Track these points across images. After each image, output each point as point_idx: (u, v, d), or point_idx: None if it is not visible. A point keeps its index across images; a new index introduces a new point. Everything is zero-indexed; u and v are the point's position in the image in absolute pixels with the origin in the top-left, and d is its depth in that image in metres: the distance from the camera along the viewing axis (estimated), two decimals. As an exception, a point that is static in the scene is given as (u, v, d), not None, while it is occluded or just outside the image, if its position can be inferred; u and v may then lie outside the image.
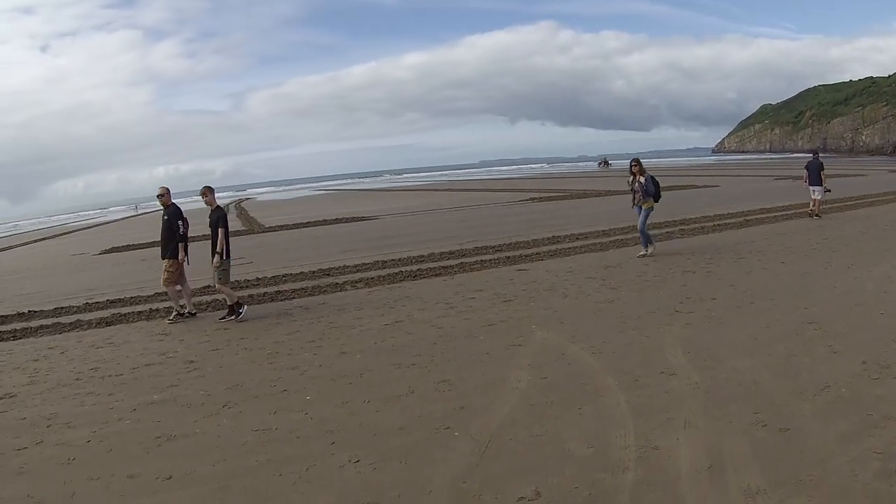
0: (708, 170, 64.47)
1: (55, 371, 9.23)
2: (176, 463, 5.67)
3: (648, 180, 14.84)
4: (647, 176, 14.90)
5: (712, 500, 4.18)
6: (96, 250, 29.60)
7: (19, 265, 27.47)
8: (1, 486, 5.58)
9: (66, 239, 45.37)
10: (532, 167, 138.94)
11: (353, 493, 4.80)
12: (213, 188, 12.17)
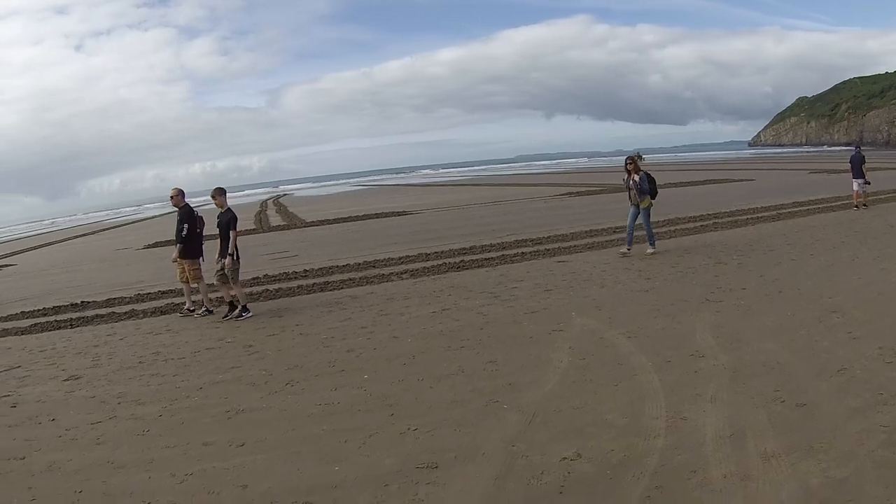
0: (744, 164, 63.98)
1: (117, 355, 9.92)
2: (247, 433, 6.31)
3: (643, 178, 14.83)
4: (641, 174, 14.89)
5: (732, 462, 4.71)
6: (139, 245, 30.61)
7: (66, 259, 28.50)
8: (81, 454, 6.19)
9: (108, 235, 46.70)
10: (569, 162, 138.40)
11: (413, 455, 5.41)
12: (225, 190, 12.48)
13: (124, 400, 7.71)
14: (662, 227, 18.24)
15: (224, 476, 5.38)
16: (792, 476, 4.45)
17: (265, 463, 5.57)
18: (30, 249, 40.87)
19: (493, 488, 4.68)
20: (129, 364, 9.31)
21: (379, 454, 5.51)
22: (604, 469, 4.80)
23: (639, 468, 4.74)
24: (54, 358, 10.17)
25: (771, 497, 4.20)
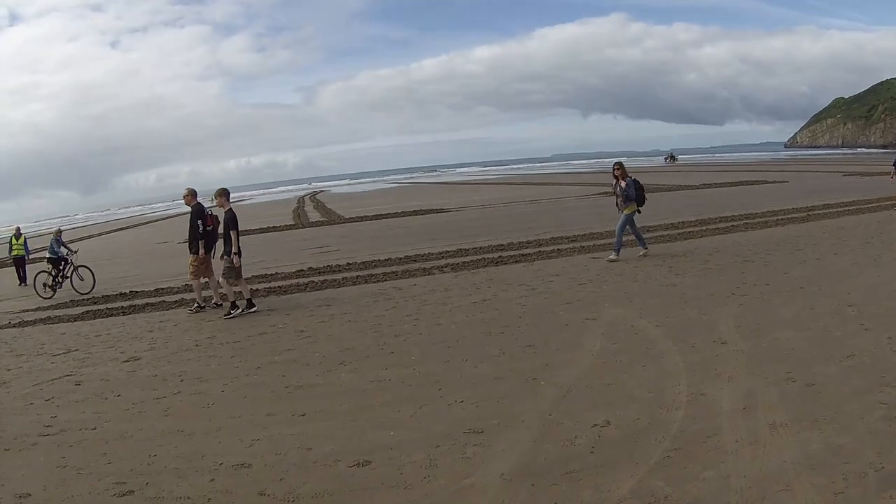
0: (778, 165, 63.51)
1: (173, 339, 10.68)
2: (307, 405, 7.00)
3: (630, 184, 14.79)
4: (627, 180, 14.84)
5: (744, 430, 5.30)
6: (180, 239, 31.60)
7: (108, 252, 29.46)
8: (151, 423, 6.88)
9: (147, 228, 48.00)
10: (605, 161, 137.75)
11: (460, 422, 6.07)
12: (229, 191, 13.02)
13: (186, 378, 8.43)
14: (695, 226, 18.68)
15: (289, 441, 6.06)
16: (796, 442, 5.01)
17: (326, 430, 6.24)
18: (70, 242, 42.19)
19: (532, 448, 5.32)
20: (186, 347, 10.07)
21: (429, 422, 6.17)
22: (630, 434, 5.42)
23: (661, 433, 5.35)
24: (111, 342, 10.96)
25: (775, 458, 4.77)
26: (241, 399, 7.42)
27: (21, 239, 22.24)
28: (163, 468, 5.70)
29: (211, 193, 13.50)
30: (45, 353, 10.54)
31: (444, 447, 5.53)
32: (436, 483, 4.92)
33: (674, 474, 4.66)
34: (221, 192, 12.88)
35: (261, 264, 18.24)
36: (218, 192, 12.91)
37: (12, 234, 22.92)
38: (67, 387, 8.53)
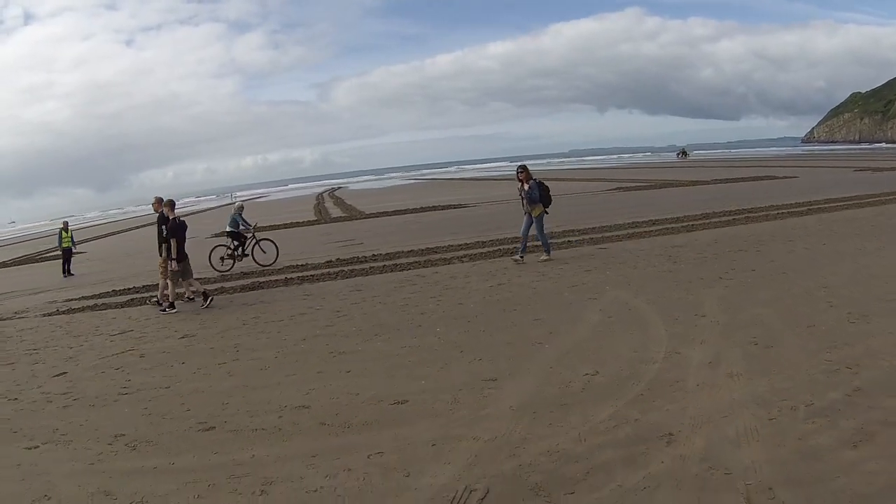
0: (791, 160, 64.26)
1: (220, 320, 12.10)
2: (350, 365, 8.46)
3: (533, 186, 15.15)
4: (531, 182, 15.21)
5: (706, 377, 6.64)
6: (206, 234, 33.03)
7: (135, 247, 31.02)
8: (218, 382, 8.33)
9: None
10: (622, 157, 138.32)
11: (478, 374, 7.49)
12: (174, 202, 14.22)
13: (241, 348, 9.87)
14: (699, 220, 19.86)
15: (339, 389, 7.50)
16: (746, 386, 6.35)
17: (368, 382, 7.67)
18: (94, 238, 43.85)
19: (535, 389, 6.73)
20: (234, 326, 11.49)
21: (453, 374, 7.59)
22: (613, 380, 6.80)
23: (638, 380, 6.73)
24: (162, 323, 12.43)
25: (727, 397, 6.11)
26: (293, 363, 8.84)
27: (69, 232, 23.85)
28: (236, 412, 7.14)
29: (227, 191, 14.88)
30: (103, 334, 11.94)
31: (465, 391, 6.94)
32: (459, 413, 6.33)
33: (643, 406, 6.04)
34: (167, 203, 14.09)
35: (290, 256, 19.75)
36: (165, 202, 14.12)
37: (61, 227, 24.60)
38: (132, 359, 9.94)
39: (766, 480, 4.56)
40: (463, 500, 4.70)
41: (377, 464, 5.47)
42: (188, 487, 5.41)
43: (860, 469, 4.61)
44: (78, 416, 7.58)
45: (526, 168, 15.63)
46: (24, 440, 6.94)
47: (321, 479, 5.30)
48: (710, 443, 5.20)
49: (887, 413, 5.46)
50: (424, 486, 4.97)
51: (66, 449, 6.63)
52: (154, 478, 5.68)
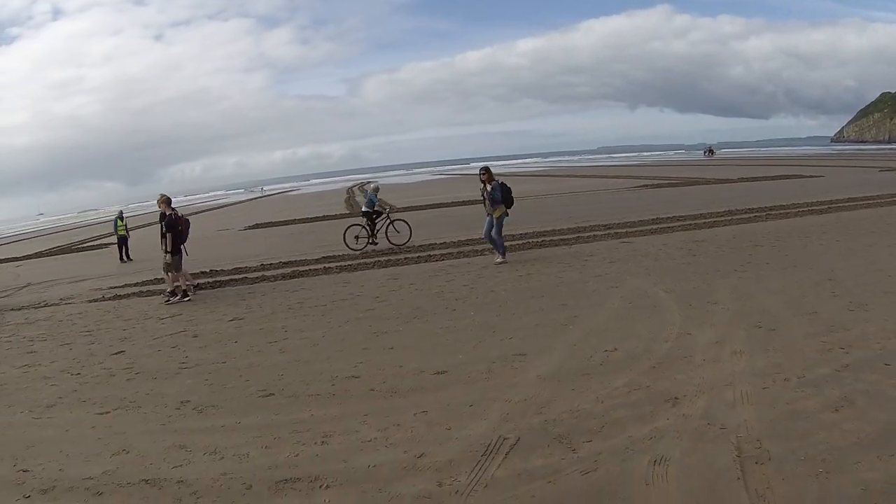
0: (819, 160, 63.97)
1: (266, 305, 12.95)
2: (393, 342, 9.34)
3: (496, 188, 15.29)
4: (493, 184, 15.35)
5: (711, 354, 7.44)
6: (239, 226, 34.10)
7: None
8: (272, 357, 9.19)
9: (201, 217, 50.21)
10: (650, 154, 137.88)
11: (509, 350, 8.34)
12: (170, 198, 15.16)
13: (289, 329, 10.75)
14: (722, 216, 20.47)
15: (384, 362, 8.39)
16: (747, 361, 7.14)
17: (411, 356, 8.54)
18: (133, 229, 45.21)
19: (560, 363, 7.59)
20: (280, 310, 12.37)
21: (487, 350, 8.45)
22: (629, 355, 7.63)
23: (651, 355, 7.56)
24: (210, 308, 13.29)
25: (729, 369, 6.91)
26: (340, 341, 9.73)
27: (124, 220, 24.98)
28: (291, 381, 8.03)
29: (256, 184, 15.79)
30: (152, 318, 12.87)
31: (498, 363, 7.81)
32: (493, 381, 7.21)
33: (654, 376, 6.87)
34: (163, 199, 15.10)
35: (327, 247, 20.68)
36: (161, 199, 15.16)
37: (117, 215, 25.77)
38: (186, 339, 10.85)
39: (756, 434, 5.36)
40: (497, 446, 5.57)
41: (422, 420, 6.35)
42: (256, 440, 6.30)
43: (838, 428, 5.39)
44: (142, 386, 8.44)
45: (488, 169, 15.90)
46: (94, 407, 7.79)
47: (374, 432, 6.19)
48: (710, 405, 6.02)
49: (869, 385, 6.21)
50: (464, 437, 5.85)
51: (136, 413, 7.48)
52: (223, 434, 6.56)
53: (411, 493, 4.96)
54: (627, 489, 4.70)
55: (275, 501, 5.10)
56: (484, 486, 4.96)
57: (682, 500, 4.51)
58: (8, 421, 7.60)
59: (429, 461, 5.47)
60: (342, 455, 5.78)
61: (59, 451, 6.50)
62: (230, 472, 5.67)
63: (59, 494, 5.55)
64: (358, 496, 5.03)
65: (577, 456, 5.29)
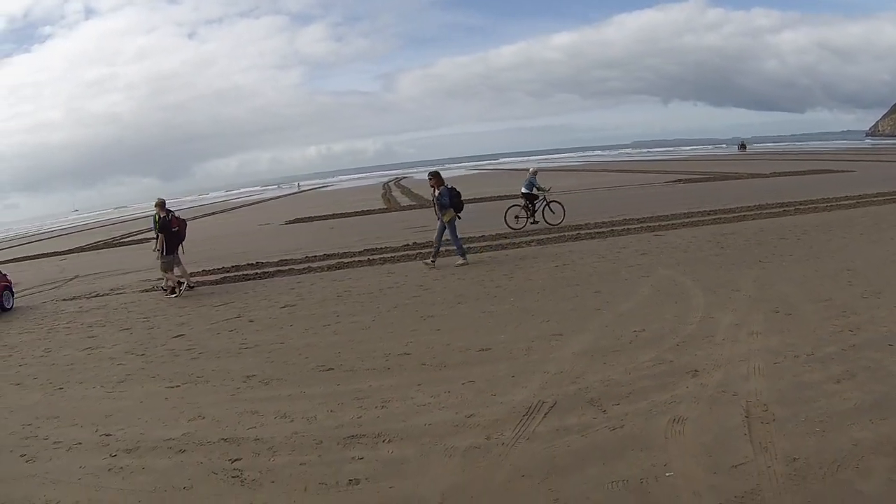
0: (852, 154, 63.15)
1: (315, 294, 13.72)
2: (439, 325, 10.14)
3: (444, 192, 15.52)
4: (442, 188, 15.62)
5: (731, 335, 8.13)
6: (280, 221, 35.02)
7: (213, 233, 32.98)
8: (327, 338, 10.02)
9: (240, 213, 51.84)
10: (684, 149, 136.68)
11: (547, 331, 9.11)
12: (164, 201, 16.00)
13: (340, 314, 11.58)
14: (751, 210, 20.91)
15: (433, 342, 9.20)
16: (763, 341, 7.81)
17: (457, 336, 9.34)
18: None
19: (593, 341, 8.35)
20: (330, 297, 13.19)
21: (526, 331, 9.23)
22: (656, 335, 8.36)
23: (675, 334, 8.28)
24: (261, 296, 14.08)
25: (746, 347, 7.60)
26: (390, 324, 10.56)
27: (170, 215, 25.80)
28: (348, 358, 8.85)
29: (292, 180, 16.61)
30: (206, 305, 13.74)
31: (537, 342, 8.59)
32: (532, 357, 8.00)
33: (678, 353, 7.60)
34: (158, 203, 15.96)
35: (367, 241, 21.61)
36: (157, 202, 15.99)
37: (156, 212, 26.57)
38: (242, 323, 11.70)
39: (763, 400, 6.07)
40: (537, 408, 6.35)
41: (470, 388, 7.16)
42: (321, 406, 7.14)
43: (838, 396, 6.06)
44: (207, 364, 9.29)
45: (437, 174, 16.32)
46: (164, 382, 8.63)
47: (427, 398, 7.00)
48: (726, 377, 6.73)
49: (871, 362, 6.84)
50: (508, 401, 6.64)
51: (205, 386, 8.33)
52: (290, 402, 7.39)
53: (463, 446, 5.76)
54: (649, 441, 5.45)
55: (344, 453, 5.90)
56: (526, 439, 5.75)
57: (695, 450, 5.23)
58: (82, 395, 8.49)
59: (477, 420, 6.27)
60: (401, 416, 6.60)
61: (137, 418, 7.34)
62: (301, 431, 6.50)
63: (144, 453, 6.35)
64: (417, 448, 5.83)
65: (607, 416, 6.06)
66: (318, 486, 5.33)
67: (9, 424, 7.54)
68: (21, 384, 9.28)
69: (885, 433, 5.21)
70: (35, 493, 5.68)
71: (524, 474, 5.13)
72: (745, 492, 4.55)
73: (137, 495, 5.47)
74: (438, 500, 4.89)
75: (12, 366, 10.35)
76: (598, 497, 4.69)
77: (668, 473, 4.90)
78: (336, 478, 5.43)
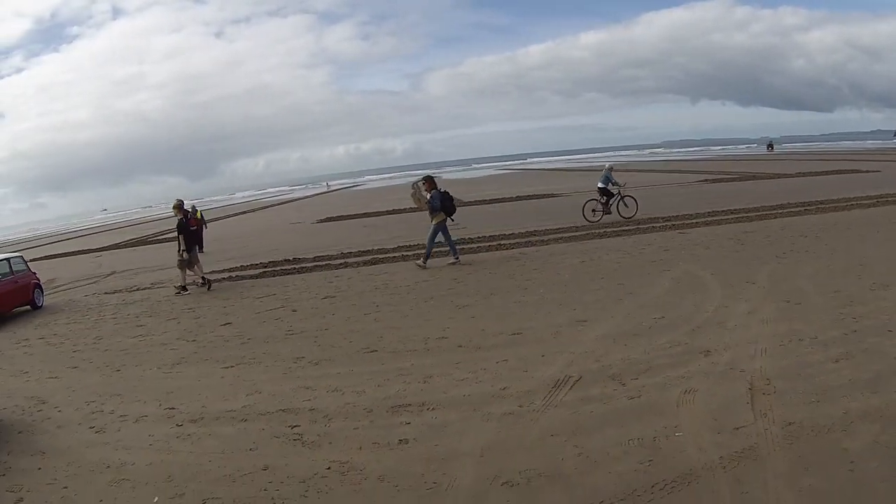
0: (880, 154, 62.45)
1: (354, 286, 14.55)
2: (473, 313, 10.93)
3: (435, 196, 15.92)
4: (433, 192, 16.00)
5: (743, 322, 8.81)
6: (312, 219, 35.87)
7: (248, 231, 34.03)
8: (369, 325, 10.83)
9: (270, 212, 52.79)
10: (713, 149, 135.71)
11: (573, 317, 9.87)
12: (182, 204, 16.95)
13: (380, 304, 12.39)
14: (773, 209, 21.36)
15: (468, 327, 9.99)
16: (771, 327, 8.48)
17: (490, 323, 10.11)
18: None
19: (616, 326, 9.10)
20: (367, 290, 14.01)
21: (554, 318, 9.98)
22: (674, 322, 9.08)
23: (692, 321, 8.99)
24: (302, 289, 14.91)
25: (756, 332, 8.28)
26: (427, 312, 11.36)
27: (199, 213, 26.40)
28: (390, 342, 9.67)
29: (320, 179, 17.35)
30: (248, 297, 14.61)
31: (564, 327, 9.35)
32: (560, 340, 8.76)
33: (693, 336, 8.32)
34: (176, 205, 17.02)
35: (401, 238, 22.43)
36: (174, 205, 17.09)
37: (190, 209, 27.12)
38: (286, 313, 12.52)
39: (767, 375, 6.77)
40: (564, 381, 7.12)
41: (504, 366, 7.94)
42: (369, 381, 7.94)
43: (835, 373, 6.73)
44: (257, 348, 10.11)
45: (430, 178, 16.73)
46: (217, 364, 9.44)
47: (466, 374, 7.79)
48: (735, 356, 7.43)
49: (869, 345, 7.48)
50: (538, 376, 7.41)
51: (258, 367, 9.14)
52: (340, 378, 8.19)
53: (499, 412, 6.54)
54: (662, 409, 6.20)
55: (392, 419, 6.71)
56: (554, 406, 6.53)
57: (703, 415, 5.97)
58: (139, 376, 9.33)
59: (511, 391, 7.05)
60: (442, 389, 7.40)
61: (197, 394, 8.15)
62: (352, 402, 7.32)
63: (208, 422, 7.17)
64: (458, 414, 6.62)
65: (626, 388, 6.82)
66: (371, 445, 6.13)
67: (73, 401, 8.37)
68: (77, 367, 10.16)
69: (874, 404, 5.88)
70: (109, 456, 6.46)
71: (552, 434, 5.90)
72: (744, 448, 5.27)
73: (208, 456, 6.25)
74: (479, 454, 5.66)
75: (66, 352, 11.26)
76: (615, 451, 5.44)
77: (677, 433, 5.64)
78: (387, 438, 6.23)
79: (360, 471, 5.60)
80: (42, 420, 7.76)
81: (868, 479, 4.66)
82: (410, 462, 5.67)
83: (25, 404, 8.42)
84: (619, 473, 5.06)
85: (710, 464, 5.06)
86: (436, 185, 16.51)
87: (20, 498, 5.69)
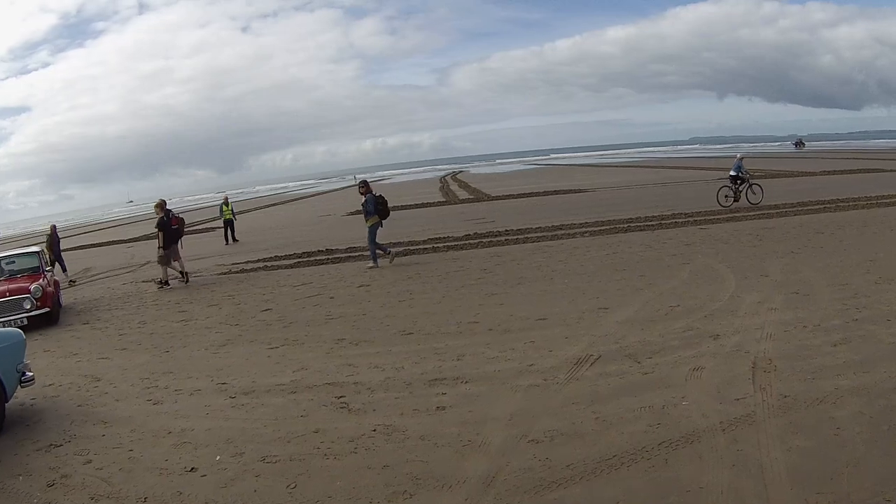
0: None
1: (386, 276, 15.28)
2: (502, 300, 11.64)
3: (369, 200, 16.40)
4: (368, 196, 16.47)
5: (753, 310, 9.43)
6: (341, 213, 36.59)
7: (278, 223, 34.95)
8: (404, 311, 11.51)
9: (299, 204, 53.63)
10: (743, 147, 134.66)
11: (595, 306, 10.54)
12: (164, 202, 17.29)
13: (413, 293, 13.12)
14: (794, 207, 21.75)
15: (497, 313, 10.71)
16: (778, 315, 9.10)
17: (518, 309, 10.83)
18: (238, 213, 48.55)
19: (634, 313, 9.78)
20: (401, 279, 14.75)
21: (577, 305, 10.68)
22: (688, 310, 9.73)
23: (705, 309, 9.65)
24: (336, 278, 15.67)
25: (763, 319, 8.90)
26: (458, 300, 12.09)
27: (230, 206, 27.31)
28: (424, 325, 10.42)
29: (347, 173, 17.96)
30: (286, 285, 15.34)
31: (587, 314, 10.05)
32: (583, 324, 9.47)
33: (705, 322, 8.99)
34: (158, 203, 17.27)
35: (431, 231, 23.32)
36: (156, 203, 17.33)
37: (222, 201, 28.09)
38: (324, 300, 13.26)
39: (769, 356, 7.42)
40: (585, 359, 7.84)
41: (530, 346, 8.66)
42: (406, 359, 8.68)
43: (832, 355, 7.35)
44: (299, 331, 10.84)
45: (366, 183, 17.42)
46: (263, 345, 10.16)
47: (496, 353, 8.52)
48: (742, 340, 8.09)
49: (867, 332, 8.07)
50: (561, 355, 8.13)
51: (301, 347, 9.88)
52: (379, 357, 8.93)
53: (525, 384, 7.27)
54: (672, 382, 6.90)
55: (430, 390, 7.45)
56: (576, 380, 7.26)
57: (708, 388, 6.65)
58: (188, 356, 10.07)
59: (537, 367, 7.78)
60: (474, 366, 8.13)
61: (246, 371, 8.86)
62: (392, 377, 8.05)
63: (260, 394, 7.89)
64: (489, 386, 7.36)
65: (641, 365, 7.52)
66: (412, 412, 6.87)
67: (127, 378, 9.06)
68: (126, 349, 10.85)
69: (864, 382, 6.51)
70: (169, 424, 7.18)
71: (573, 402, 6.63)
72: (743, 415, 5.95)
73: (262, 422, 7.00)
74: (508, 418, 6.40)
75: (112, 335, 11.97)
76: (629, 416, 6.16)
77: (684, 402, 6.34)
78: (426, 406, 6.98)
79: (402, 431, 6.34)
80: (99, 395, 8.41)
81: (851, 441, 5.30)
82: (447, 425, 6.40)
83: (81, 382, 9.08)
84: (631, 433, 5.76)
85: (712, 427, 5.74)
86: (371, 189, 16.99)
87: (89, 460, 6.34)
